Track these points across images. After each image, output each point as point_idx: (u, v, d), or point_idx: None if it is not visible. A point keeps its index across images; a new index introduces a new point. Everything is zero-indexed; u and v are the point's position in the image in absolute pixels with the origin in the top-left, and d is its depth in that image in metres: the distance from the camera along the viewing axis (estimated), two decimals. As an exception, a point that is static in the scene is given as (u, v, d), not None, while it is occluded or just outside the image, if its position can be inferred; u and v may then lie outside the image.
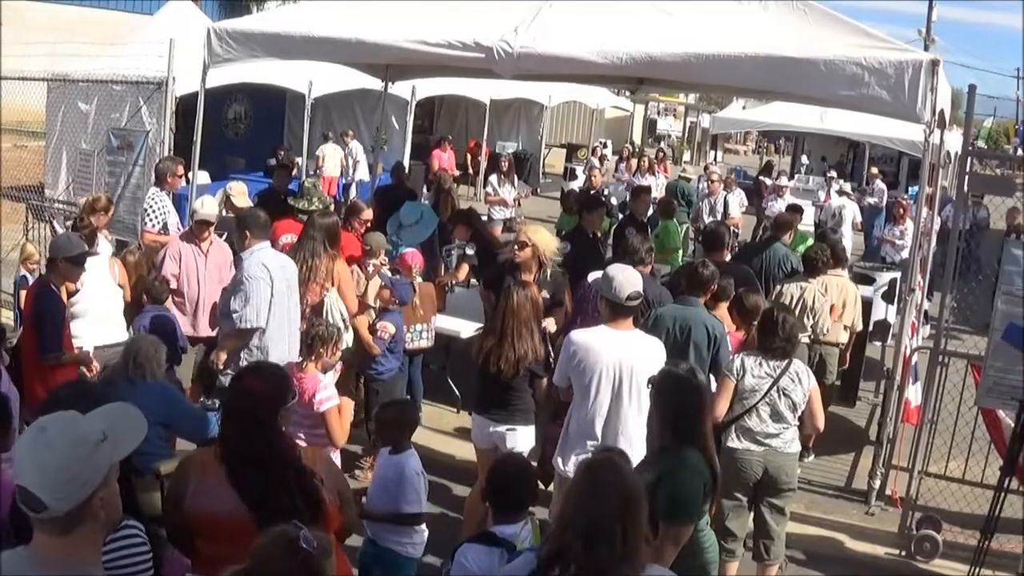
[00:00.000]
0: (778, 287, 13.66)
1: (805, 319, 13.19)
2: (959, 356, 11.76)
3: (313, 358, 9.38)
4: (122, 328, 11.53)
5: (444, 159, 33.60)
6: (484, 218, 20.60)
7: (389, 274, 12.58)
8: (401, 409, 9.00)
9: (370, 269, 12.58)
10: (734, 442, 9.39)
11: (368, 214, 14.35)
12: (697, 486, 6.71)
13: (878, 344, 16.21)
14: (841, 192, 28.18)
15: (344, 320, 11.42)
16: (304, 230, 12.11)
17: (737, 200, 25.79)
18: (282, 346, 10.49)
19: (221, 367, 10.30)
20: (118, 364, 9.17)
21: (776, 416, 9.35)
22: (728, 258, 14.22)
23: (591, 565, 4.59)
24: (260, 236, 10.74)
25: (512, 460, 7.78)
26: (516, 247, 11.63)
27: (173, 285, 12.11)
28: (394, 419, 8.62)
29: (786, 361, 9.45)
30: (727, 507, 9.44)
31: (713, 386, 9.69)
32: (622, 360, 8.64)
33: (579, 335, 9.03)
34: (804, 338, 13.14)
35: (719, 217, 23.97)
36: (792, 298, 13.29)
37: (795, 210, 19.54)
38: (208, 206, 12.44)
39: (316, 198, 14.05)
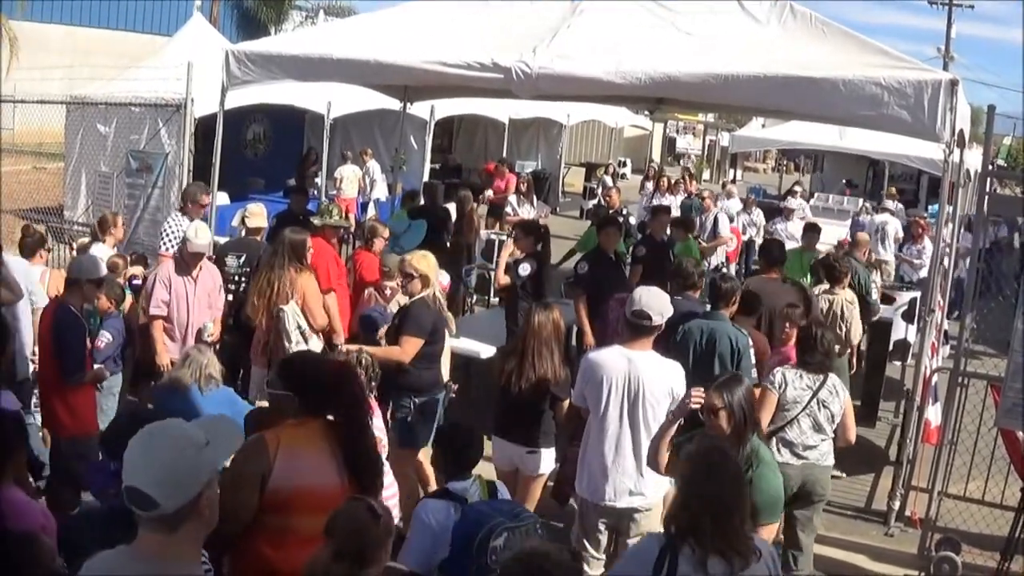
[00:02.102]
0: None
1: (837, 329, 13.42)
2: (979, 377, 11.73)
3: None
4: None
5: (502, 184, 33.24)
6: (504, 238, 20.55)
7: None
8: None
9: (387, 292, 12.59)
10: (776, 455, 9.30)
11: (387, 233, 14.42)
12: (779, 484, 7.00)
13: (898, 364, 16.18)
14: (883, 208, 28.12)
15: (303, 332, 11.45)
16: (271, 245, 12.30)
17: (725, 219, 25.57)
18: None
19: None
20: (180, 374, 9.40)
21: (816, 427, 9.65)
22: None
23: (721, 537, 5.40)
24: None
25: (460, 426, 8.17)
26: (404, 279, 11.36)
27: (163, 312, 12.09)
28: None
29: (824, 375, 9.74)
30: None
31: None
32: (630, 379, 8.66)
33: (594, 354, 9.15)
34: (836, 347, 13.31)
35: (708, 235, 24.01)
36: (822, 310, 13.49)
37: (812, 229, 19.36)
38: (202, 236, 12.32)
39: (335, 213, 14.05)
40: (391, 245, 14.87)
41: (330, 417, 6.42)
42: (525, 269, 13.61)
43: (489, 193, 29.87)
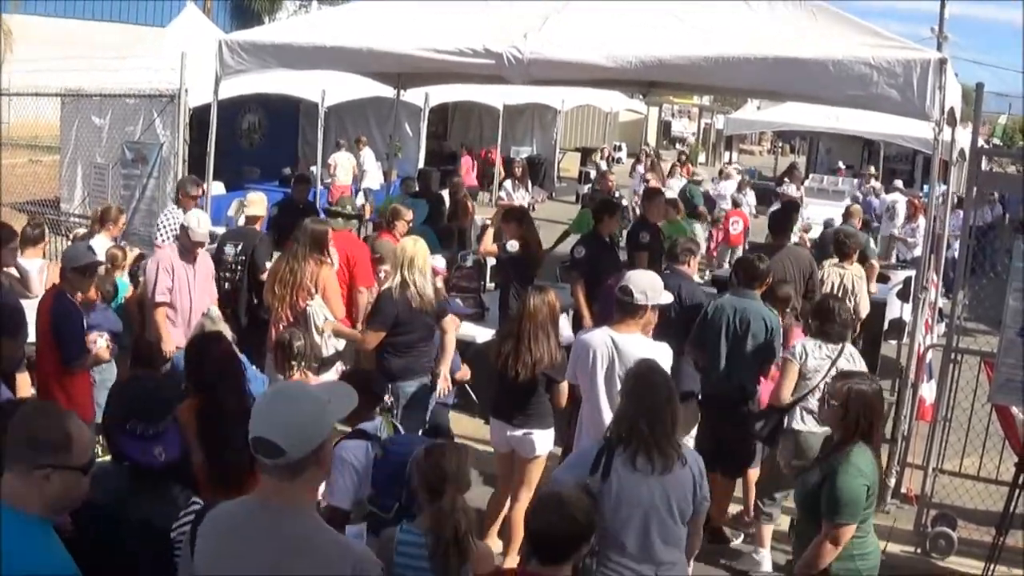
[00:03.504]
0: (821, 272, 14.29)
1: (847, 301, 13.72)
2: (972, 353, 11.76)
3: (290, 372, 9.45)
4: None
5: (471, 166, 33.34)
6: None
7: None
8: None
9: (381, 276, 12.64)
10: (799, 424, 10.08)
11: (410, 215, 14.51)
12: (859, 486, 6.97)
13: (893, 343, 16.23)
14: (893, 188, 28.41)
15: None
16: (292, 235, 12.22)
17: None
18: None
19: None
20: None
21: None
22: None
23: (654, 439, 6.56)
24: None
25: (361, 371, 9.49)
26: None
27: (168, 299, 12.12)
28: None
29: (841, 344, 10.10)
30: (777, 480, 10.38)
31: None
32: (615, 360, 8.83)
33: (584, 335, 9.34)
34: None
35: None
36: (834, 285, 14.06)
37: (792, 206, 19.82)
38: (203, 225, 12.39)
39: (348, 205, 14.15)
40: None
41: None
42: (513, 245, 13.74)
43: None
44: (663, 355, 8.82)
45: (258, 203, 14.38)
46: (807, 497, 7.25)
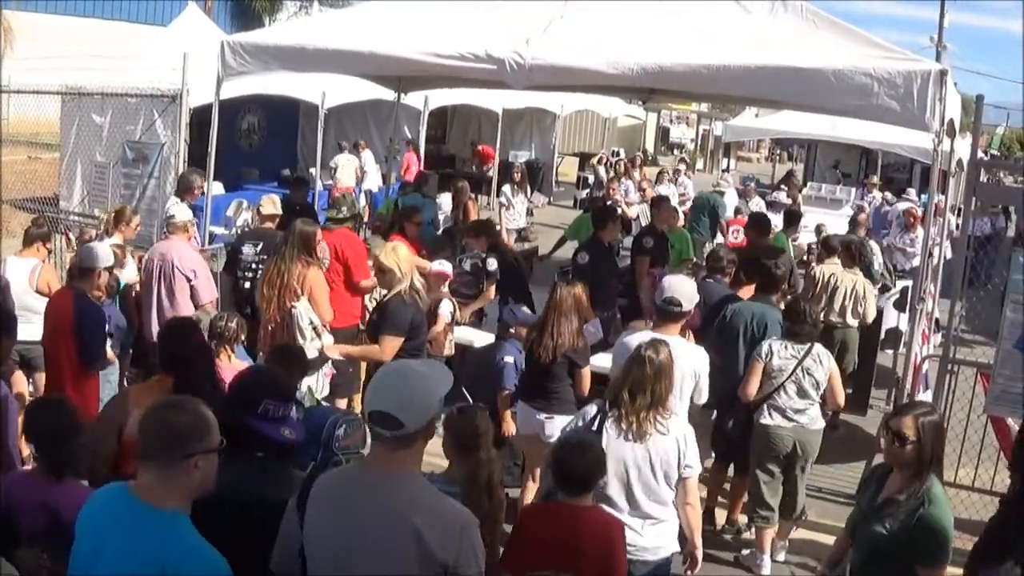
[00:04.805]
0: (834, 275, 14.77)
1: (858, 306, 14.51)
2: (968, 364, 11.82)
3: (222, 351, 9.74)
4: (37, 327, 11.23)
5: (414, 162, 33.00)
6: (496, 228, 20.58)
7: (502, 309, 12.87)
8: None
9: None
10: (767, 419, 10.52)
11: (419, 217, 14.65)
12: (951, 521, 6.77)
13: (890, 352, 16.25)
14: (905, 198, 28.56)
15: (315, 328, 11.44)
16: (283, 236, 12.26)
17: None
18: None
19: None
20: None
21: (802, 393, 10.43)
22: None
23: (632, 408, 7.66)
24: None
25: (288, 347, 9.85)
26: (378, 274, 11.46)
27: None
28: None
29: (809, 344, 10.42)
30: (763, 479, 10.57)
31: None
32: None
33: (626, 337, 9.68)
34: (855, 321, 14.63)
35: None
36: (847, 290, 14.51)
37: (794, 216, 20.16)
38: (183, 213, 12.70)
39: (345, 207, 14.15)
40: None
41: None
42: (492, 264, 13.94)
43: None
44: (700, 357, 9.41)
45: (271, 203, 14.55)
46: (882, 544, 6.80)
